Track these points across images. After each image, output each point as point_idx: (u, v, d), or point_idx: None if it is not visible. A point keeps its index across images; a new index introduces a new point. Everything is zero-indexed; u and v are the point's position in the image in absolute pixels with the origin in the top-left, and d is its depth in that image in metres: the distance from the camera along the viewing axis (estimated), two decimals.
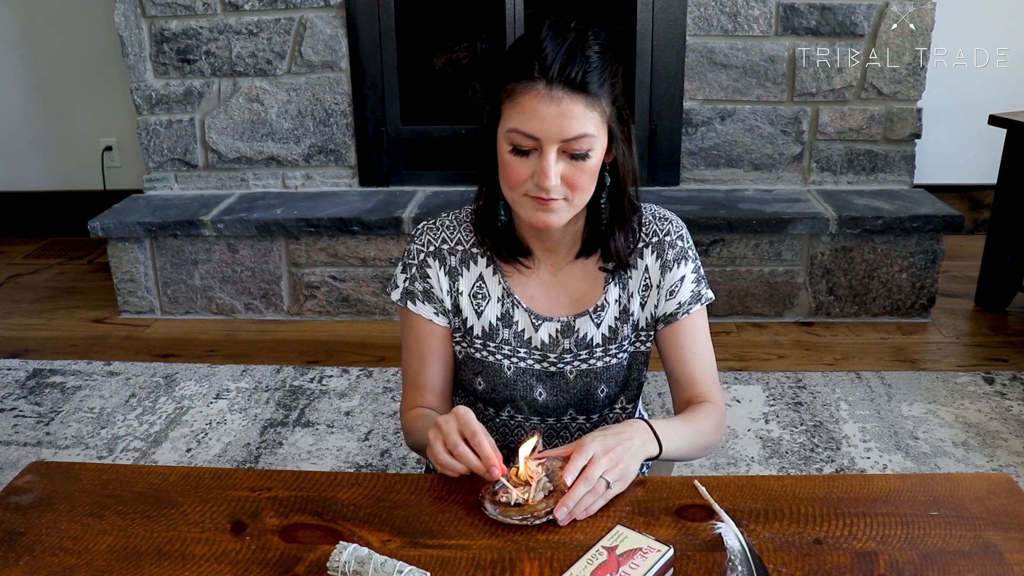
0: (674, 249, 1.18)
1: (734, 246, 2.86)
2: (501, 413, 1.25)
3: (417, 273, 1.19)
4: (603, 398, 1.22)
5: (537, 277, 1.19)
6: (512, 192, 1.08)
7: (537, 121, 1.01)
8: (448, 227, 1.20)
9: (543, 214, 1.07)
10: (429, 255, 1.19)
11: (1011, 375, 2.50)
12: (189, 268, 3.02)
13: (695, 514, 0.98)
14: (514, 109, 1.03)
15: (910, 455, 2.15)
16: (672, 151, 3.08)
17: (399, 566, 0.86)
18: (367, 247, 2.94)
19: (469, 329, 1.20)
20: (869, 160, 3.07)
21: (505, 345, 1.19)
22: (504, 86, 1.04)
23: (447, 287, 1.19)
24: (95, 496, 1.04)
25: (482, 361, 1.20)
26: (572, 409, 1.23)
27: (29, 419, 2.42)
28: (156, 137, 3.20)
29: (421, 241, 1.20)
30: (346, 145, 3.17)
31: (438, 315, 1.20)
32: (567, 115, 1.01)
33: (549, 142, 1.02)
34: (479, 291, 1.19)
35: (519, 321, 1.19)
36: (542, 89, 1.01)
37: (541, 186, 1.03)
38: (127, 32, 3.07)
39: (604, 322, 1.19)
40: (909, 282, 2.87)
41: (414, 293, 1.20)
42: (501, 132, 1.06)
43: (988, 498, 1.00)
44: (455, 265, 1.19)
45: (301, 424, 2.36)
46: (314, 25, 3.03)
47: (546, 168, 1.02)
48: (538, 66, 1.01)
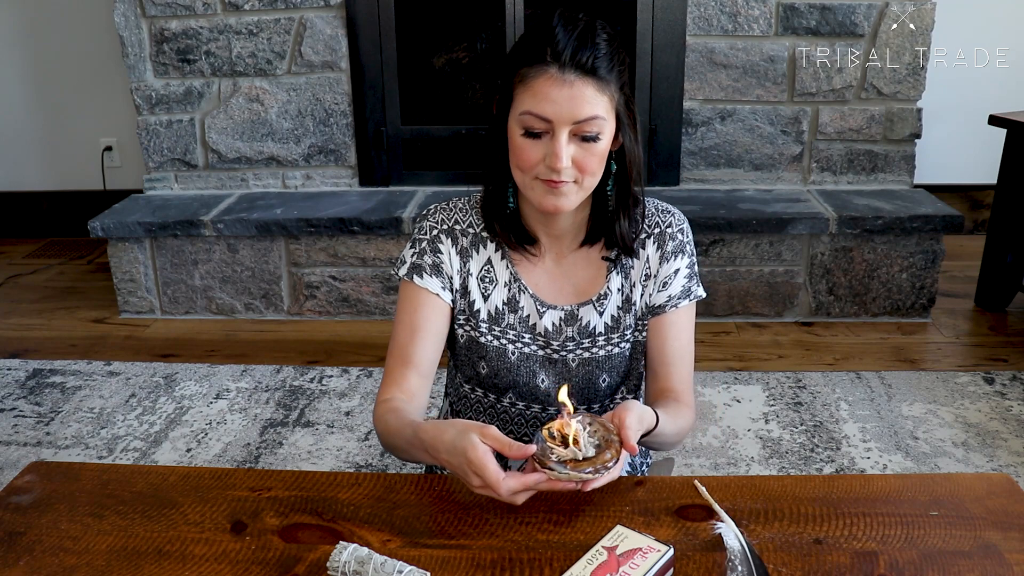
0: (674, 241, 1.21)
1: (734, 246, 2.86)
2: (503, 399, 1.26)
3: (428, 247, 1.20)
4: (604, 388, 1.23)
5: (542, 265, 1.21)
6: (524, 176, 1.10)
7: (550, 103, 1.04)
8: (460, 209, 1.22)
9: (553, 198, 1.09)
10: (443, 232, 1.20)
11: (1011, 375, 2.50)
12: (189, 268, 3.02)
13: (695, 514, 0.98)
14: (527, 92, 1.06)
15: (910, 455, 2.15)
16: (672, 151, 3.08)
17: (399, 566, 0.86)
18: (367, 247, 2.94)
19: (475, 312, 1.21)
20: (869, 160, 3.07)
21: (510, 330, 1.20)
22: (517, 71, 1.08)
23: (458, 266, 1.20)
24: (95, 496, 1.04)
25: (486, 345, 1.21)
26: (574, 398, 1.23)
27: (29, 419, 2.42)
28: (156, 137, 3.20)
29: (435, 219, 1.21)
30: (346, 145, 3.17)
31: (444, 290, 1.20)
32: (579, 97, 1.04)
33: (561, 124, 1.05)
34: (487, 274, 1.20)
35: (525, 307, 1.20)
36: (555, 72, 1.04)
37: (553, 167, 1.06)
38: (127, 32, 3.07)
39: (607, 311, 1.21)
40: (909, 282, 2.87)
41: (422, 266, 1.20)
42: (513, 116, 1.08)
43: (988, 498, 1.00)
44: (466, 246, 1.20)
45: (301, 424, 2.36)
46: (314, 25, 3.03)
47: (558, 150, 1.05)
48: (550, 51, 1.05)
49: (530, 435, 1.26)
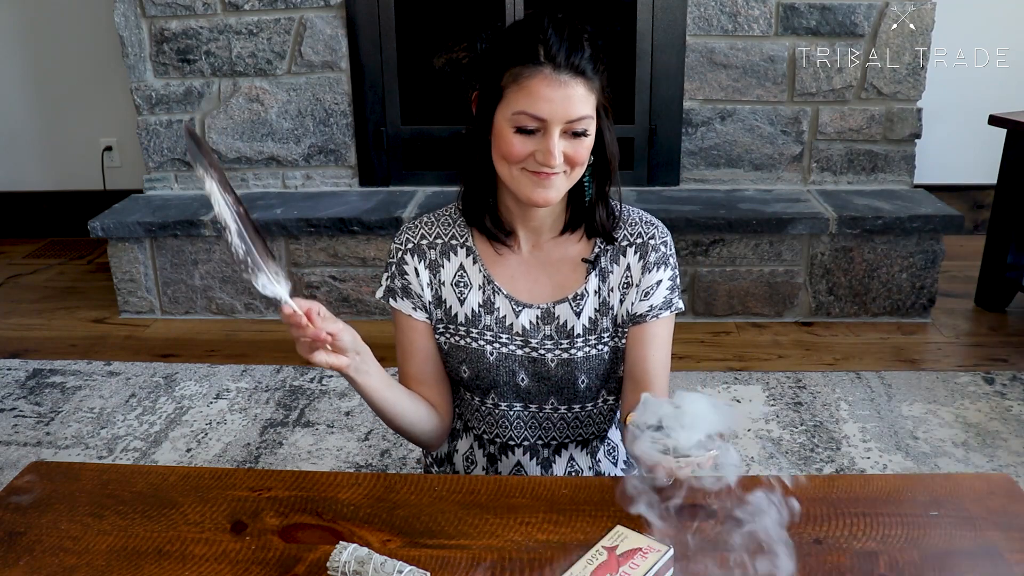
0: (656, 253, 1.22)
1: (734, 246, 2.86)
2: (486, 400, 1.28)
3: (396, 271, 1.25)
4: (584, 389, 1.24)
5: (518, 259, 1.24)
6: (510, 168, 1.13)
7: (545, 103, 1.07)
8: (427, 223, 1.26)
9: (543, 190, 1.12)
10: (407, 252, 1.24)
11: (1011, 375, 2.50)
12: (189, 268, 3.02)
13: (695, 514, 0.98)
14: (520, 92, 1.08)
15: (910, 455, 2.15)
16: (672, 151, 3.08)
17: (399, 566, 0.86)
18: (367, 247, 2.94)
19: (453, 317, 1.24)
20: (869, 160, 3.07)
21: (488, 331, 1.23)
22: (507, 70, 1.10)
23: (427, 280, 1.24)
24: (95, 496, 1.04)
25: (466, 348, 1.24)
26: (554, 398, 1.25)
27: (29, 419, 2.42)
28: (156, 137, 3.20)
29: (400, 240, 1.26)
30: (346, 145, 3.17)
31: (416, 310, 1.25)
32: (572, 98, 1.08)
33: (555, 123, 1.08)
34: (461, 279, 1.24)
35: (500, 307, 1.23)
36: (549, 73, 1.07)
37: (546, 164, 1.10)
38: (127, 32, 3.07)
39: (584, 312, 1.22)
40: (909, 282, 2.87)
41: (394, 290, 1.25)
42: (503, 114, 1.11)
43: (988, 498, 1.00)
44: (435, 258, 1.24)
45: (301, 424, 2.36)
46: (314, 25, 3.03)
47: (552, 147, 1.09)
48: (544, 52, 1.08)
49: (515, 434, 1.28)
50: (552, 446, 1.28)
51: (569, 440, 1.29)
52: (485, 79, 1.14)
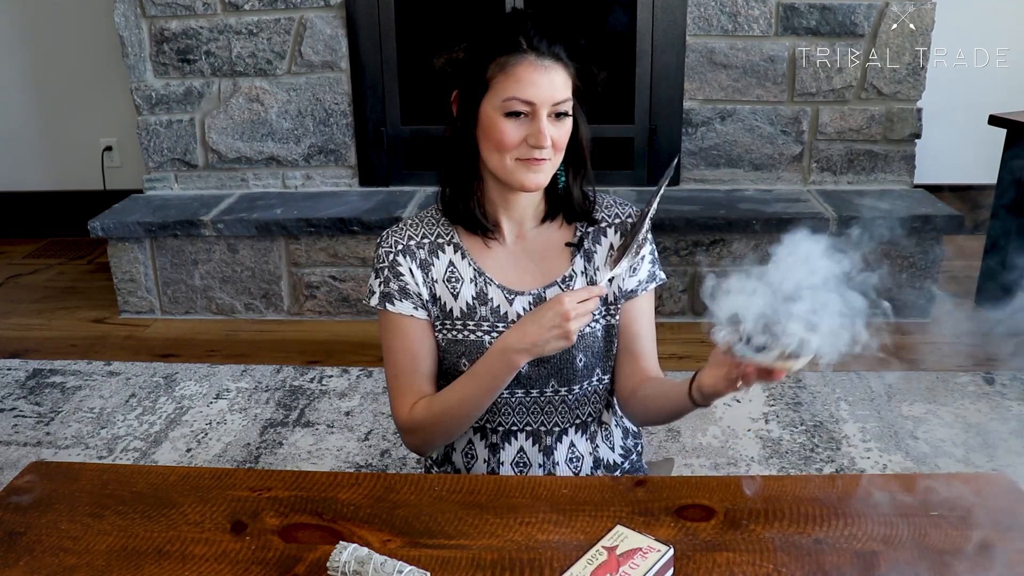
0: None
1: (734, 246, 2.86)
2: None
3: (390, 274, 1.25)
4: (581, 368, 1.27)
5: (505, 250, 1.27)
6: (503, 157, 1.17)
7: (533, 87, 1.14)
8: (411, 225, 1.28)
9: (534, 175, 1.17)
10: (398, 254, 1.26)
11: (1011, 375, 2.50)
12: (189, 268, 3.02)
13: (695, 514, 0.98)
14: (508, 80, 1.14)
15: (910, 455, 2.15)
16: (672, 151, 3.08)
17: (399, 566, 0.86)
18: (367, 247, 2.94)
19: (449, 312, 1.26)
20: (869, 160, 3.07)
21: (484, 322, 1.25)
22: (492, 61, 1.16)
23: (421, 279, 1.25)
24: (95, 496, 1.04)
25: (464, 341, 1.25)
26: (553, 380, 1.27)
27: (29, 419, 2.42)
28: (156, 137, 3.20)
29: (388, 244, 1.27)
30: (346, 145, 3.17)
31: (417, 309, 1.26)
32: (555, 82, 1.15)
33: (543, 106, 1.14)
34: (452, 275, 1.26)
35: (493, 298, 1.25)
36: (533, 60, 1.14)
37: (538, 145, 1.15)
38: (127, 32, 3.07)
39: None
40: (909, 282, 2.87)
41: (390, 294, 1.26)
42: (491, 104, 1.16)
43: (988, 498, 1.00)
44: (425, 257, 1.26)
45: (301, 424, 2.36)
46: (314, 25, 3.03)
47: (542, 128, 1.14)
48: (525, 41, 1.14)
49: (517, 420, 1.29)
50: (554, 433, 1.29)
51: (568, 424, 1.30)
52: (468, 76, 1.19)
